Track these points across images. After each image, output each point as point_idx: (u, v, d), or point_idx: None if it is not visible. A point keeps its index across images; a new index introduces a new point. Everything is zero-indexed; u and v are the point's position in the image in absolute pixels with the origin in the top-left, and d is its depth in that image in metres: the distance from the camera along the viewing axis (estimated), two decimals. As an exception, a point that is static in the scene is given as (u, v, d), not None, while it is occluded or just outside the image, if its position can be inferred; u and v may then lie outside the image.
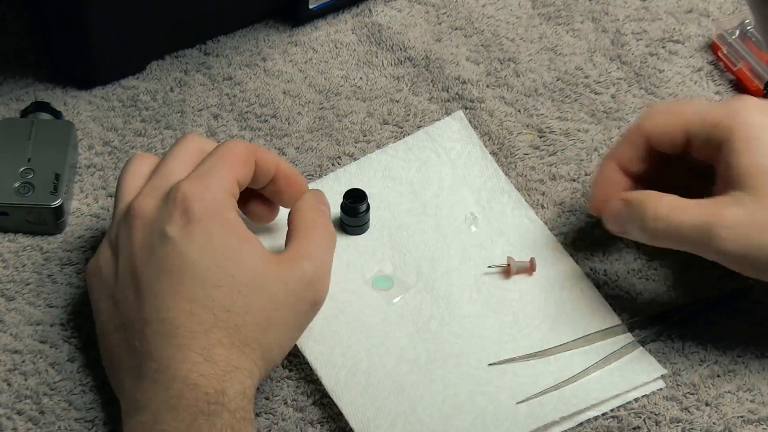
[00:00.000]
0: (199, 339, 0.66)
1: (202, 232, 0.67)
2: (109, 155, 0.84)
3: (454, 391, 0.72)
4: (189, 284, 0.67)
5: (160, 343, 0.66)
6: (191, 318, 0.66)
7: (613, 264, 0.79)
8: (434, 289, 0.77)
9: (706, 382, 0.74)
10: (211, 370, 0.65)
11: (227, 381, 0.65)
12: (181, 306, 0.66)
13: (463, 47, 0.91)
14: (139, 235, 0.69)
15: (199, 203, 0.68)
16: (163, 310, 0.67)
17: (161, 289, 0.67)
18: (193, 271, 0.67)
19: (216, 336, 0.66)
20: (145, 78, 0.88)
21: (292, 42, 0.90)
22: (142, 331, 0.67)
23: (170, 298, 0.67)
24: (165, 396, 0.65)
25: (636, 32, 0.92)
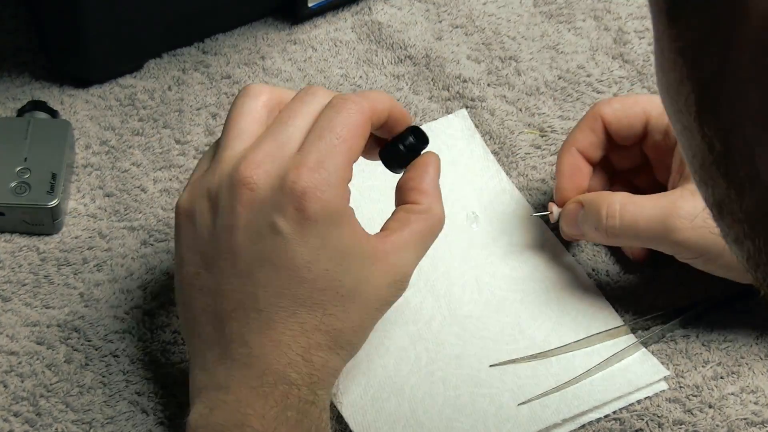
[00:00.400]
0: (299, 339, 0.65)
1: (317, 234, 0.64)
2: (106, 155, 0.83)
3: (455, 393, 0.72)
4: (296, 284, 0.65)
5: (256, 333, 0.65)
6: (293, 317, 0.65)
7: (616, 264, 0.79)
8: (435, 288, 0.77)
9: (709, 384, 0.74)
10: (307, 370, 0.65)
11: (319, 382, 0.65)
12: (283, 303, 0.65)
13: (464, 45, 0.90)
14: (246, 211, 0.65)
15: (318, 203, 0.64)
16: (262, 301, 0.65)
17: (263, 280, 0.65)
18: (302, 272, 0.65)
19: (316, 338, 0.65)
20: (143, 76, 0.88)
21: (291, 40, 0.90)
22: (235, 311, 0.65)
23: (273, 292, 0.65)
24: (256, 383, 0.64)
25: (639, 30, 0.91)
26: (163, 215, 0.81)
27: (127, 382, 0.73)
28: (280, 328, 0.65)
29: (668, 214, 0.70)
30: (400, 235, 0.67)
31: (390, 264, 0.67)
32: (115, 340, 0.75)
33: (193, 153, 0.84)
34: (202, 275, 0.66)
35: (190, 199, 0.67)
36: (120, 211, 0.81)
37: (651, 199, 0.72)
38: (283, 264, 0.64)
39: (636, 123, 0.75)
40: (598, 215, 0.73)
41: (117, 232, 0.80)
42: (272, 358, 0.64)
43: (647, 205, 0.72)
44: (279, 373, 0.64)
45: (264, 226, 0.64)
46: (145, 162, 0.83)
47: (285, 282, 0.65)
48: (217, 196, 0.66)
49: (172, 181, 0.82)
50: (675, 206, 0.70)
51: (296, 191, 0.64)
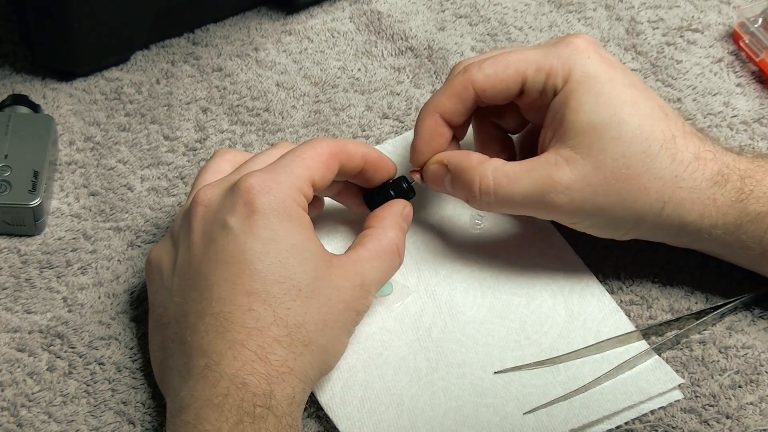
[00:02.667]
0: (254, 336, 0.66)
1: (265, 225, 0.68)
2: (91, 151, 0.83)
3: (457, 403, 0.72)
4: (248, 278, 0.67)
5: (213, 337, 0.66)
6: (248, 313, 0.66)
7: (626, 267, 0.78)
8: (436, 293, 0.76)
9: (727, 393, 0.73)
10: (263, 370, 0.65)
11: (278, 383, 0.65)
12: (237, 300, 0.66)
13: (468, 36, 0.90)
14: (200, 223, 0.69)
15: (265, 196, 0.68)
16: (218, 303, 0.67)
17: (218, 281, 0.67)
18: (253, 264, 0.67)
19: (273, 334, 0.66)
20: (130, 69, 0.87)
21: (286, 31, 0.90)
22: (194, 324, 0.67)
23: (227, 290, 0.67)
24: (210, 394, 0.65)
25: (652, 20, 0.91)
26: (150, 215, 0.80)
27: (112, 392, 0.73)
28: (235, 327, 0.66)
29: (545, 190, 0.71)
30: (354, 251, 0.71)
31: (349, 269, 0.70)
32: (100, 347, 0.75)
33: (183, 149, 0.84)
34: (169, 309, 0.69)
35: (156, 248, 0.72)
36: (105, 211, 0.81)
37: (525, 169, 0.72)
38: (234, 259, 0.67)
39: (511, 86, 0.74)
40: (470, 188, 0.73)
41: (102, 233, 0.80)
42: (226, 362, 0.65)
43: (522, 177, 0.72)
44: (233, 378, 0.65)
45: (217, 229, 0.68)
46: (132, 159, 0.83)
47: (237, 277, 0.67)
48: (177, 232, 0.71)
49: (161, 180, 0.82)
50: (552, 180, 0.71)
51: (244, 188, 0.68)
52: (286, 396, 0.66)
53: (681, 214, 0.72)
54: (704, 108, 0.86)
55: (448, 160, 0.74)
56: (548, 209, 0.72)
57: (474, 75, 0.74)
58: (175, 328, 0.68)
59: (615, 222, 0.73)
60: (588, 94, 0.71)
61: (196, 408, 0.65)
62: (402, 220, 0.74)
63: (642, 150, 0.71)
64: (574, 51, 0.73)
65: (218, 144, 0.84)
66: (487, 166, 0.73)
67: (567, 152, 0.71)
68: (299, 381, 0.67)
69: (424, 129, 0.75)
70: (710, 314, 0.76)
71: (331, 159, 0.71)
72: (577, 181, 0.71)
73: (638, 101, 0.72)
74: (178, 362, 0.67)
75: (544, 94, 0.73)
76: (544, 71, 0.72)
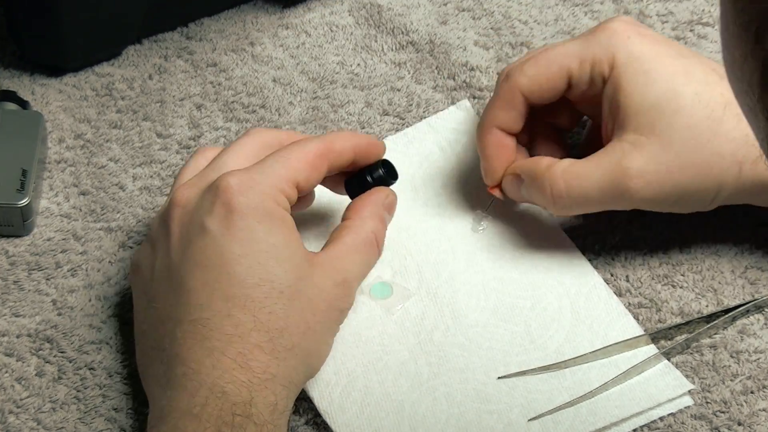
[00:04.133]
0: (234, 343, 0.66)
1: (243, 226, 0.67)
2: (81, 149, 0.83)
3: (459, 410, 0.72)
4: (226, 281, 0.67)
5: (191, 345, 0.66)
6: (227, 319, 0.66)
7: (635, 269, 0.78)
8: (438, 296, 0.76)
9: (738, 399, 0.73)
10: (244, 378, 0.65)
11: (259, 391, 0.65)
12: (215, 305, 0.66)
13: (471, 30, 0.90)
14: (178, 225, 0.69)
15: (243, 195, 0.68)
16: (195, 309, 0.66)
17: (195, 286, 0.67)
18: (231, 267, 0.67)
19: (254, 340, 0.66)
20: (121, 64, 0.87)
21: (283, 25, 0.90)
22: (172, 331, 0.67)
23: (204, 296, 0.66)
24: (189, 404, 0.64)
25: (661, 14, 0.91)
26: (142, 215, 0.80)
27: (103, 398, 0.73)
28: (215, 335, 0.66)
29: (619, 179, 0.72)
30: (333, 247, 0.71)
31: (330, 267, 0.70)
32: (90, 352, 0.74)
33: (176, 147, 0.84)
34: (149, 315, 0.69)
35: (138, 252, 0.72)
36: (96, 211, 0.81)
37: (594, 164, 0.73)
38: (211, 262, 0.67)
39: (558, 83, 0.74)
40: (543, 193, 0.74)
41: (93, 233, 0.80)
42: (205, 371, 0.65)
43: (593, 172, 0.72)
44: (212, 387, 0.64)
45: (194, 231, 0.68)
46: (124, 157, 0.83)
47: (215, 281, 0.67)
48: (155, 235, 0.70)
49: (153, 178, 0.82)
50: (622, 168, 0.71)
51: (221, 188, 0.68)
52: (268, 404, 0.65)
53: (759, 172, 0.72)
54: (715, 104, 0.86)
55: (521, 170, 0.75)
56: (627, 198, 0.72)
57: (518, 79, 0.74)
58: (153, 336, 0.68)
59: (697, 195, 0.73)
60: (637, 75, 0.72)
61: (175, 418, 0.64)
62: (383, 210, 0.74)
63: (705, 116, 0.71)
64: (613, 35, 0.73)
65: (212, 142, 0.84)
66: (555, 169, 0.73)
67: (631, 137, 0.72)
68: (282, 387, 0.66)
69: (488, 147, 0.76)
70: (721, 318, 0.76)
71: (319, 160, 0.71)
72: (648, 163, 0.71)
73: (690, 70, 0.72)
74: (158, 370, 0.67)
75: (594, 85, 0.74)
76: (588, 62, 0.73)
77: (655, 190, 0.72)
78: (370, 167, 0.75)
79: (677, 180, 0.72)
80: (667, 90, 0.71)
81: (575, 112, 0.79)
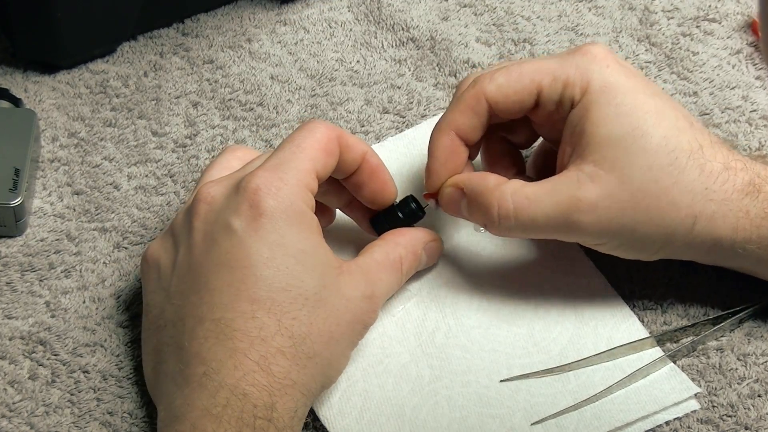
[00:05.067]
0: (257, 345, 0.66)
1: (272, 229, 0.67)
2: (75, 148, 0.83)
3: (461, 414, 0.72)
4: (252, 284, 0.67)
5: (212, 344, 0.66)
6: (251, 321, 0.66)
7: (640, 270, 0.78)
8: (439, 297, 0.76)
9: (745, 403, 0.73)
10: (265, 381, 0.65)
11: (280, 396, 0.65)
12: (240, 306, 0.66)
13: (473, 27, 0.90)
14: (202, 223, 0.69)
15: (272, 198, 0.68)
16: (219, 309, 0.66)
17: (220, 286, 0.67)
18: (258, 270, 0.67)
19: (277, 344, 0.66)
20: (116, 61, 0.87)
21: (281, 21, 0.90)
22: (193, 329, 0.67)
23: (229, 296, 0.66)
24: (209, 404, 0.64)
25: (667, 10, 0.91)
26: (138, 215, 0.80)
27: (98, 401, 0.73)
28: (237, 335, 0.66)
29: (569, 211, 0.70)
30: (362, 260, 0.71)
31: (360, 277, 0.70)
32: (85, 354, 0.74)
33: (172, 146, 0.84)
34: (166, 311, 0.69)
35: (153, 244, 0.72)
36: (90, 211, 0.81)
37: (546, 190, 0.71)
38: (238, 263, 0.67)
39: (526, 98, 0.73)
40: (487, 213, 0.72)
41: (87, 234, 0.80)
42: (227, 371, 0.65)
43: (544, 198, 0.71)
44: (233, 389, 0.64)
45: (219, 230, 0.68)
46: (119, 156, 0.83)
47: (240, 282, 0.66)
48: (178, 229, 0.70)
49: (149, 178, 0.82)
50: (576, 200, 0.70)
51: (249, 189, 0.68)
52: (288, 409, 0.66)
53: (713, 229, 0.71)
54: (722, 102, 0.86)
55: (464, 184, 0.73)
56: (573, 231, 0.71)
57: (486, 86, 0.73)
58: (171, 332, 0.68)
59: (643, 241, 0.72)
60: (609, 106, 0.71)
61: (193, 418, 0.64)
62: (421, 248, 0.74)
63: (669, 162, 0.70)
64: (592, 60, 0.72)
65: (209, 140, 0.84)
66: (505, 189, 0.72)
67: (590, 168, 0.70)
68: (302, 395, 0.67)
69: (439, 149, 0.74)
70: (728, 320, 0.76)
71: (332, 144, 0.70)
72: (603, 198, 0.70)
73: (662, 111, 0.71)
74: (174, 368, 0.67)
75: (561, 106, 0.72)
76: (560, 81, 0.72)
77: (602, 227, 0.71)
78: (400, 203, 0.75)
79: (627, 222, 0.70)
80: (635, 128, 0.70)
81: (533, 132, 0.77)
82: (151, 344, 0.70)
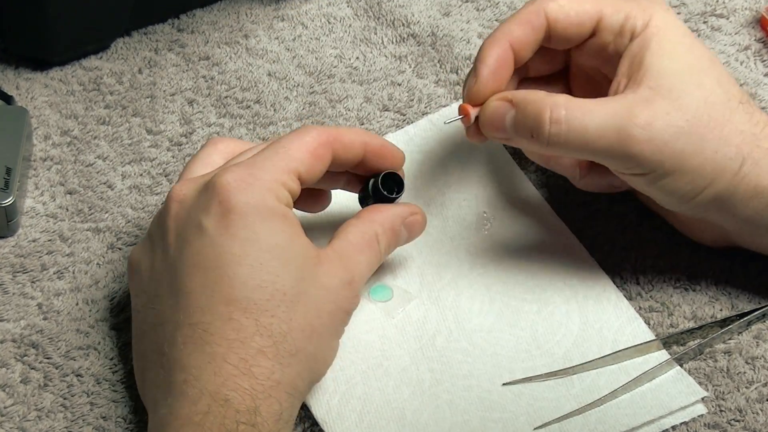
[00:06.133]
0: (236, 348, 0.66)
1: (243, 225, 0.67)
2: (68, 146, 0.83)
3: (463, 418, 0.72)
4: (227, 284, 0.66)
5: (191, 350, 0.66)
6: (228, 323, 0.66)
7: (646, 271, 0.78)
8: (440, 299, 0.76)
9: (754, 407, 0.73)
10: (247, 385, 0.65)
11: (263, 399, 0.65)
12: (216, 309, 0.66)
13: (475, 22, 0.90)
14: (175, 223, 0.69)
15: (242, 194, 0.67)
16: (195, 313, 0.66)
17: (194, 288, 0.67)
18: (231, 269, 0.66)
19: (257, 345, 0.66)
20: (110, 58, 0.87)
21: (279, 16, 0.90)
22: (172, 335, 0.67)
23: (204, 299, 0.66)
24: (191, 411, 0.64)
25: (674, 5, 0.91)
26: (132, 215, 0.80)
27: (91, 405, 0.73)
28: (215, 339, 0.66)
29: (625, 123, 0.70)
30: (338, 242, 0.71)
31: (337, 264, 0.69)
32: (78, 358, 0.74)
33: (167, 144, 0.84)
34: (148, 316, 0.69)
35: (137, 249, 0.72)
36: (84, 211, 0.81)
37: (600, 104, 0.71)
38: (210, 264, 0.67)
39: (586, 22, 0.73)
40: (538, 119, 0.70)
41: (80, 234, 0.80)
42: (207, 377, 0.65)
43: (597, 110, 0.70)
44: (214, 395, 0.64)
45: (191, 230, 0.68)
46: (113, 155, 0.83)
47: (215, 284, 0.66)
48: (153, 231, 0.70)
49: (143, 177, 0.82)
50: (632, 113, 0.70)
51: (219, 185, 0.67)
52: (273, 412, 0.65)
53: (757, 175, 0.71)
54: (729, 99, 0.86)
55: (513, 95, 0.72)
56: (625, 148, 0.70)
57: (547, 4, 0.73)
58: (153, 338, 0.68)
59: (692, 174, 0.71)
60: (669, 41, 0.72)
61: (176, 426, 0.64)
62: (400, 223, 0.73)
63: (723, 101, 0.71)
64: (653, 1, 0.73)
65: (205, 139, 0.84)
66: (559, 97, 0.71)
67: (647, 92, 0.71)
68: (287, 395, 0.67)
69: (491, 57, 0.73)
70: (736, 322, 0.76)
71: (321, 148, 0.70)
72: (658, 117, 0.70)
73: (714, 60, 0.73)
74: (157, 375, 0.67)
75: (620, 37, 0.73)
76: (623, 12, 0.73)
77: (655, 148, 0.70)
78: (375, 176, 0.74)
79: (680, 148, 0.70)
80: (693, 64, 0.72)
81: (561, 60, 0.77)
82: (137, 349, 0.71)
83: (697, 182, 0.71)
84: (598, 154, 0.71)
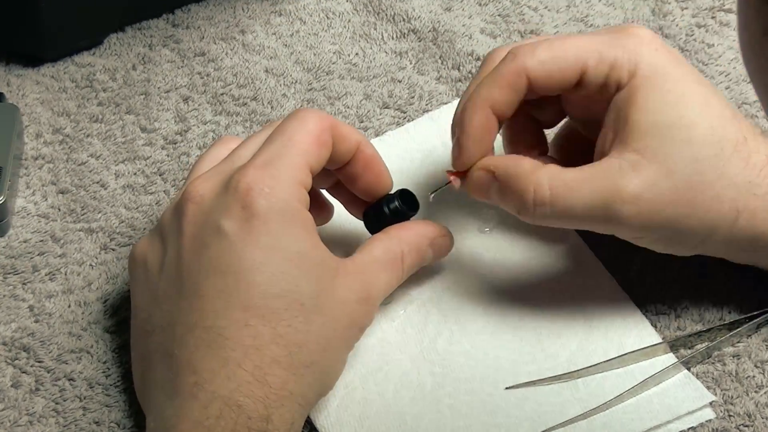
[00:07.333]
0: (251, 355, 0.65)
1: (266, 231, 0.67)
2: (60, 145, 0.83)
3: (465, 423, 0.72)
4: (245, 290, 0.66)
5: (204, 354, 0.66)
6: (244, 329, 0.66)
7: (653, 273, 0.78)
8: (441, 301, 0.77)
9: (763, 412, 0.73)
10: (260, 393, 0.65)
11: (276, 408, 0.65)
12: (233, 314, 0.66)
13: (477, 17, 0.90)
14: (191, 224, 0.68)
15: (265, 198, 0.67)
16: (210, 316, 0.66)
17: (211, 292, 0.67)
18: (252, 275, 0.66)
19: (272, 353, 0.66)
20: (103, 54, 0.87)
21: (276, 11, 0.90)
22: (183, 337, 0.67)
23: (220, 303, 0.66)
24: (201, 415, 0.64)
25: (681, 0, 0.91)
26: (126, 215, 0.80)
27: (84, 410, 0.73)
28: (230, 344, 0.66)
29: (611, 200, 0.69)
30: (360, 257, 0.71)
31: (356, 278, 0.69)
32: (70, 361, 0.75)
33: (161, 142, 0.84)
34: (154, 315, 0.69)
35: (140, 243, 0.71)
36: (76, 211, 0.81)
37: (586, 178, 0.70)
38: (230, 269, 0.66)
39: (569, 75, 0.72)
40: (522, 198, 0.71)
41: (73, 234, 0.80)
42: (219, 382, 0.65)
43: (583, 187, 0.70)
44: (226, 400, 0.64)
45: (210, 233, 0.67)
46: (106, 153, 0.83)
47: (233, 289, 0.66)
48: (166, 228, 0.70)
49: (137, 176, 0.82)
50: (617, 188, 0.69)
51: (241, 189, 0.67)
52: (285, 422, 0.66)
53: (754, 225, 0.71)
54: (738, 96, 0.86)
55: (496, 166, 0.72)
56: (612, 222, 0.70)
57: (527, 62, 0.71)
58: (160, 338, 0.68)
59: (684, 235, 0.71)
60: (656, 92, 0.70)
61: (184, 429, 0.64)
62: (426, 244, 0.73)
63: (714, 154, 0.70)
64: (640, 43, 0.71)
65: (200, 136, 0.84)
66: (542, 174, 0.71)
67: (633, 156, 0.70)
68: (299, 405, 0.67)
69: (473, 126, 0.72)
70: (745, 325, 0.76)
71: (324, 134, 0.70)
72: (646, 189, 0.69)
73: (708, 100, 0.71)
74: (163, 376, 0.67)
75: (605, 89, 0.71)
76: (607, 62, 0.71)
77: (643, 220, 0.70)
78: (388, 197, 0.74)
79: (669, 214, 0.70)
80: (682, 117, 0.70)
81: (561, 111, 0.77)
82: (138, 349, 0.70)
83: (690, 241, 0.72)
84: (584, 226, 0.72)
